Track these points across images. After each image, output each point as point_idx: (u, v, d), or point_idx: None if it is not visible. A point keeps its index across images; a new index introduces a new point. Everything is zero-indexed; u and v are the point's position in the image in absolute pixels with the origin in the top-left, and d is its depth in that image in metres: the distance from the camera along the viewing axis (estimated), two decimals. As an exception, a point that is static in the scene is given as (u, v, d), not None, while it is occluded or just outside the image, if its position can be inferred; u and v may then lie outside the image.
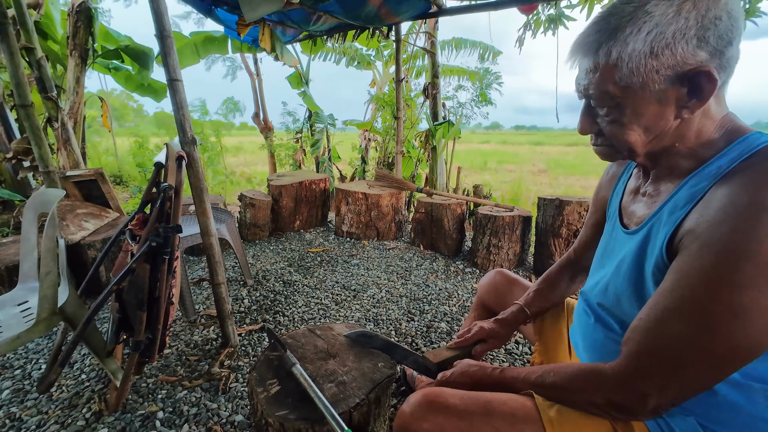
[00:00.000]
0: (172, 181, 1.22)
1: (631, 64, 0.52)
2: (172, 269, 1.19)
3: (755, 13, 2.00)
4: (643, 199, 0.66)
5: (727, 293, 0.46)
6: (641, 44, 0.51)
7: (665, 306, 0.51)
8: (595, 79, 0.56)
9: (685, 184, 0.56)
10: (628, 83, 0.53)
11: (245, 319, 1.81)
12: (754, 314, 0.45)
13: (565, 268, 0.99)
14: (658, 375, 0.50)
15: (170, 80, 1.26)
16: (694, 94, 0.52)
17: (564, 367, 0.63)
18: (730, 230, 0.46)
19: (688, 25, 0.49)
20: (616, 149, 0.62)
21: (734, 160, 0.51)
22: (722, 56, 0.50)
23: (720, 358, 0.47)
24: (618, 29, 0.52)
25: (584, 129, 0.63)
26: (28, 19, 2.21)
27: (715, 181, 0.52)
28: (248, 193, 2.96)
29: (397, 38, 3.25)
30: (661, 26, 0.50)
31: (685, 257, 0.51)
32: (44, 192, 1.30)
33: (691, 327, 0.48)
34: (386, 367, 0.98)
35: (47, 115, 2.69)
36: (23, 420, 1.18)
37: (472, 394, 0.65)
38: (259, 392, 0.88)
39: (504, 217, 2.35)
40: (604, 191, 0.84)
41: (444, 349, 0.98)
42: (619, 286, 0.64)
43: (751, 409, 0.54)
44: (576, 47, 0.58)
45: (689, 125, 0.55)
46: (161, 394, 1.28)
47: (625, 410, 0.54)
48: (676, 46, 0.50)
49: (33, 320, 1.07)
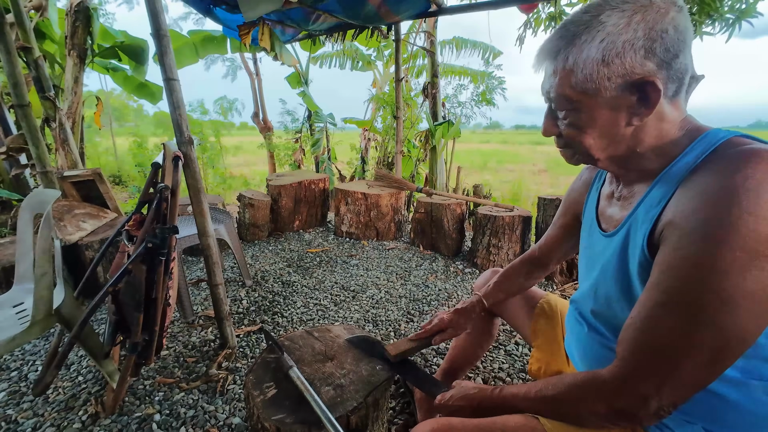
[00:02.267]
0: (168, 182, 1.21)
1: (585, 71, 0.55)
2: (169, 270, 1.18)
3: (752, 13, 1.99)
4: (619, 202, 0.68)
5: (711, 280, 0.46)
6: (594, 52, 0.53)
7: (654, 301, 0.51)
8: (554, 83, 0.59)
9: (657, 182, 0.58)
10: (584, 89, 0.56)
11: (244, 320, 1.80)
12: (739, 299, 0.45)
13: (526, 264, 1.02)
14: (655, 373, 0.50)
15: (167, 79, 1.25)
16: (643, 103, 0.55)
17: (562, 377, 0.62)
18: (706, 217, 0.47)
19: (636, 36, 0.52)
20: (574, 152, 0.64)
21: (700, 155, 0.53)
22: (669, 68, 0.53)
23: (713, 349, 0.47)
24: (575, 36, 0.55)
25: (547, 131, 0.66)
26: (25, 19, 2.20)
27: (685, 176, 0.53)
28: (247, 193, 2.95)
29: (396, 37, 3.23)
30: (613, 36, 0.52)
31: (666, 249, 0.52)
32: (40, 192, 1.30)
33: (681, 318, 0.48)
34: (384, 370, 0.97)
35: (45, 115, 2.68)
36: (19, 422, 1.17)
37: (482, 426, 0.63)
38: (255, 395, 0.87)
39: (504, 217, 2.34)
40: (576, 195, 0.87)
41: (404, 341, 1.02)
42: (608, 289, 0.65)
43: (753, 408, 0.53)
44: (540, 52, 0.61)
45: (645, 131, 0.57)
46: (158, 396, 1.27)
47: (629, 416, 0.53)
48: (626, 56, 0.52)
49: (28, 322, 1.06)
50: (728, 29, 2.07)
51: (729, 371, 0.53)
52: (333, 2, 2.32)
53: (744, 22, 2.02)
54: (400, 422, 1.19)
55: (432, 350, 1.56)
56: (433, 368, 1.46)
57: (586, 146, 0.60)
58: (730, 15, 2.03)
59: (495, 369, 1.46)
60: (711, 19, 2.09)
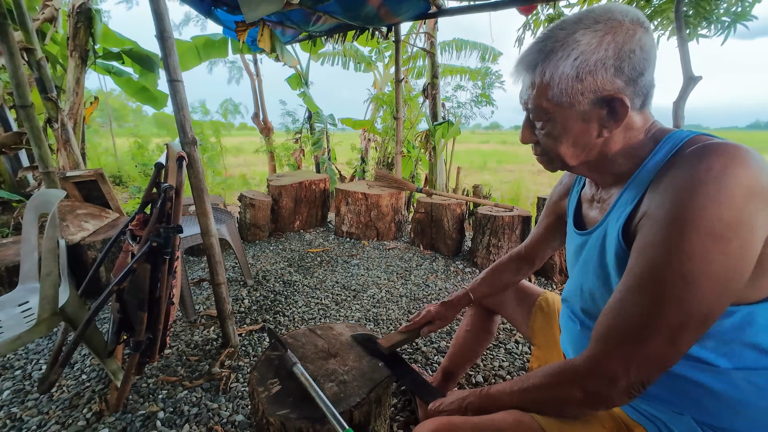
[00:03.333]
0: (172, 182, 1.23)
1: (561, 86, 0.58)
2: (173, 269, 1.19)
3: (747, 16, 2.02)
4: (598, 204, 0.72)
5: (677, 262, 0.49)
6: (569, 68, 0.57)
7: (625, 286, 0.55)
8: (532, 95, 0.62)
9: (630, 183, 0.62)
10: (559, 101, 0.59)
11: (245, 319, 1.81)
12: (703, 281, 0.48)
13: (513, 261, 1.07)
14: (623, 353, 0.52)
15: (171, 81, 1.26)
16: (611, 116, 0.58)
17: (540, 369, 0.64)
18: (674, 206, 0.51)
19: (607, 55, 0.55)
20: (550, 159, 0.68)
21: (666, 154, 0.57)
22: (636, 84, 0.57)
23: (675, 328, 0.50)
24: (552, 52, 0.58)
25: (525, 138, 0.69)
26: (28, 20, 2.21)
27: (655, 174, 0.57)
28: (248, 193, 2.97)
29: (396, 38, 3.25)
30: (586, 54, 0.56)
31: (639, 238, 0.55)
32: (45, 192, 1.31)
33: (646, 298, 0.51)
34: (387, 367, 0.98)
35: (47, 115, 2.69)
36: (24, 420, 1.18)
37: (483, 423, 0.64)
38: (260, 392, 0.88)
39: (503, 217, 2.35)
40: (558, 198, 0.93)
41: (396, 333, 1.07)
42: (591, 285, 0.69)
43: (737, 396, 0.55)
44: (519, 64, 0.64)
45: (614, 140, 0.61)
46: (162, 394, 1.29)
47: (602, 397, 0.55)
48: (597, 73, 0.56)
49: (34, 321, 1.07)
50: (724, 32, 2.09)
51: (713, 359, 0.55)
52: (333, 3, 2.33)
53: (739, 25, 2.05)
54: (401, 420, 1.20)
55: (433, 348, 1.58)
56: (434, 366, 1.47)
57: (561, 154, 0.64)
58: (726, 18, 2.06)
59: (495, 367, 1.47)
60: (707, 22, 2.11)
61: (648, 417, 0.62)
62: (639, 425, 0.62)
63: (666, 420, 0.60)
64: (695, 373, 0.57)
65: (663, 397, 0.60)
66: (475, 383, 1.39)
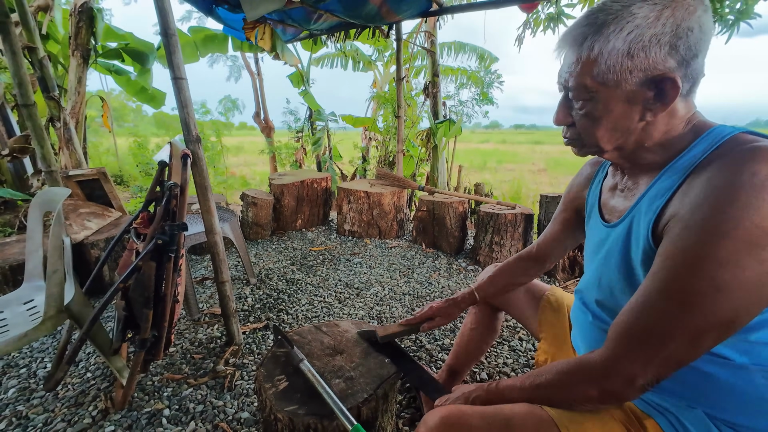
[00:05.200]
0: (176, 180, 1.23)
1: (609, 62, 0.54)
2: (178, 267, 1.19)
3: (750, 14, 2.02)
4: (623, 194, 0.69)
5: (709, 269, 0.47)
6: (621, 43, 0.53)
7: (651, 288, 0.53)
8: (575, 72, 0.58)
9: (662, 175, 0.59)
10: (604, 80, 0.56)
11: (249, 317, 1.81)
12: (735, 287, 0.47)
13: (523, 260, 1.03)
14: (643, 354, 0.52)
15: (175, 78, 1.26)
16: (659, 99, 0.55)
17: (552, 365, 0.63)
18: (710, 210, 0.48)
19: (664, 31, 0.52)
20: (583, 143, 0.64)
21: (706, 150, 0.54)
22: (688, 66, 0.54)
23: (699, 332, 0.49)
24: (604, 25, 0.54)
25: (560, 119, 0.65)
26: (30, 19, 2.21)
27: (691, 170, 0.54)
28: (250, 192, 2.97)
29: (397, 37, 3.25)
30: (641, 28, 0.52)
31: (668, 240, 0.53)
32: (50, 191, 1.31)
33: (674, 303, 0.50)
34: (393, 363, 0.98)
35: (49, 114, 2.69)
36: (30, 418, 1.18)
37: (493, 412, 0.63)
38: (267, 388, 0.88)
39: (506, 215, 2.35)
40: (577, 191, 0.88)
41: (394, 325, 1.06)
42: (611, 279, 0.66)
43: (751, 391, 0.55)
44: (564, 38, 0.60)
45: (655, 126, 0.58)
46: (167, 392, 1.29)
47: (618, 395, 0.55)
48: (650, 50, 0.53)
49: (39, 318, 1.07)
50: (728, 30, 2.09)
51: (730, 354, 0.55)
52: (334, 2, 2.33)
53: (742, 23, 2.05)
54: (406, 416, 1.20)
55: (437, 346, 1.58)
56: (438, 363, 1.47)
57: (598, 137, 0.61)
58: (730, 16, 2.06)
59: (499, 364, 1.47)
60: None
61: (659, 410, 0.62)
62: (649, 417, 0.62)
63: (677, 413, 0.59)
64: (711, 367, 0.56)
65: (675, 390, 0.60)
66: (479, 380, 1.39)
